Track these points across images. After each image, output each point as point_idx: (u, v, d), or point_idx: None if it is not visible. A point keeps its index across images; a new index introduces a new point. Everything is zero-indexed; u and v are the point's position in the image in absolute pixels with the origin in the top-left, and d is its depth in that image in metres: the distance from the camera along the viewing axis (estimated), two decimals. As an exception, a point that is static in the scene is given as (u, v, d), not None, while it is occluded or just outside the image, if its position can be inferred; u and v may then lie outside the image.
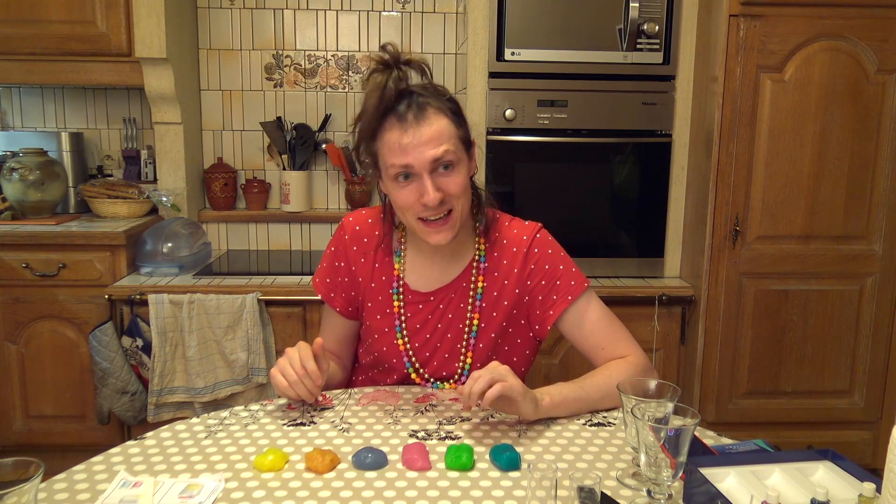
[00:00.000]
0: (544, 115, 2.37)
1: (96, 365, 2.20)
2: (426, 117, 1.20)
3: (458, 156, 1.23)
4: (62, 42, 2.43)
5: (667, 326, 2.39)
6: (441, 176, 1.21)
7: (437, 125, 1.20)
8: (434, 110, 1.21)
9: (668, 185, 2.46)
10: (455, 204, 1.23)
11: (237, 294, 2.22)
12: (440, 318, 1.35)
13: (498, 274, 1.35)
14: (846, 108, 2.22)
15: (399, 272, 1.36)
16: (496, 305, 1.34)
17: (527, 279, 1.35)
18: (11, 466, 0.78)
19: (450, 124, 1.22)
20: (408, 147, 1.19)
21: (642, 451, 0.89)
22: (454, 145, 1.22)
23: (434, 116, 1.20)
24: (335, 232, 1.42)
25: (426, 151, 1.19)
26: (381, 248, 1.37)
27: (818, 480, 0.93)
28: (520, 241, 1.36)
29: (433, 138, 1.19)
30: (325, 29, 2.82)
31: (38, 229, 2.31)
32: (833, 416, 2.40)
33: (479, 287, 1.34)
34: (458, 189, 1.23)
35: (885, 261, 2.31)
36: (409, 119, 1.19)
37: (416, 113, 1.20)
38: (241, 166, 2.88)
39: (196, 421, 1.19)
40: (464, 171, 1.24)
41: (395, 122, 1.20)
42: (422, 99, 1.21)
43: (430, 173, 1.20)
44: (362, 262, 1.38)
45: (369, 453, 1.04)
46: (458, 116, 1.25)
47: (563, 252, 1.39)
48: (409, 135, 1.18)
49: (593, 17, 2.32)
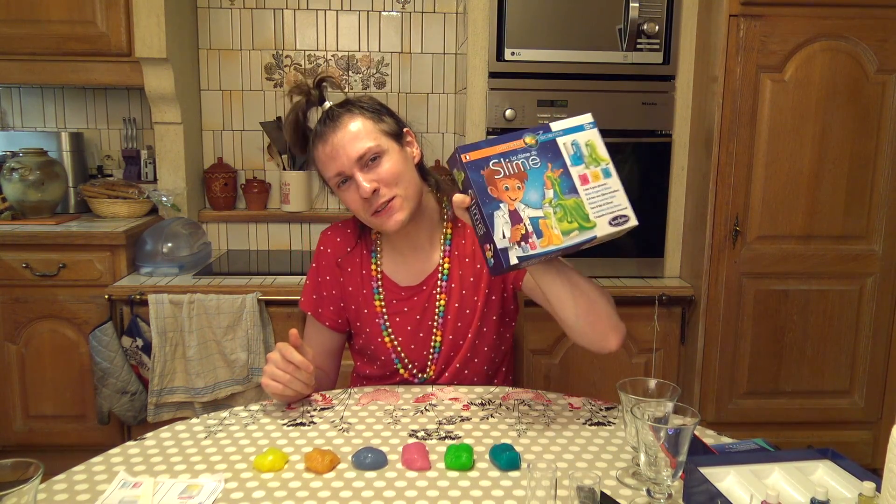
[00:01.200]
0: (544, 115, 2.37)
1: (96, 365, 2.20)
2: (340, 124, 1.28)
3: (382, 147, 1.29)
4: (62, 42, 2.43)
5: (667, 326, 2.39)
6: (371, 169, 1.28)
7: (353, 126, 1.28)
8: (347, 115, 1.29)
9: (668, 185, 2.46)
10: (392, 191, 1.29)
11: (237, 294, 2.22)
12: (421, 308, 1.40)
13: (459, 253, 1.40)
14: (846, 108, 2.22)
15: (376, 272, 1.41)
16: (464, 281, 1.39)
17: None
18: (11, 467, 0.78)
19: (366, 121, 1.29)
20: (332, 154, 1.27)
21: (642, 451, 0.89)
22: (374, 139, 1.28)
23: (348, 119, 1.29)
24: (315, 249, 1.47)
25: (348, 152, 1.26)
26: (363, 254, 1.43)
27: (818, 480, 0.93)
28: None
29: (351, 139, 1.27)
30: (325, 29, 2.82)
31: (38, 229, 2.31)
32: (833, 416, 2.40)
33: (445, 268, 1.40)
34: (390, 175, 1.28)
35: (885, 261, 2.31)
36: (326, 132, 1.28)
37: (329, 123, 1.28)
38: (241, 166, 2.88)
39: (196, 421, 1.19)
40: (394, 158, 1.30)
41: (316, 140, 1.30)
42: (333, 111, 1.30)
43: (361, 170, 1.27)
44: (349, 272, 1.43)
45: (369, 453, 1.04)
46: (377, 113, 1.32)
47: None
48: (330, 144, 1.27)
49: (593, 17, 2.32)
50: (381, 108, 1.34)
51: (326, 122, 1.29)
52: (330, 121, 1.29)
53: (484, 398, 1.30)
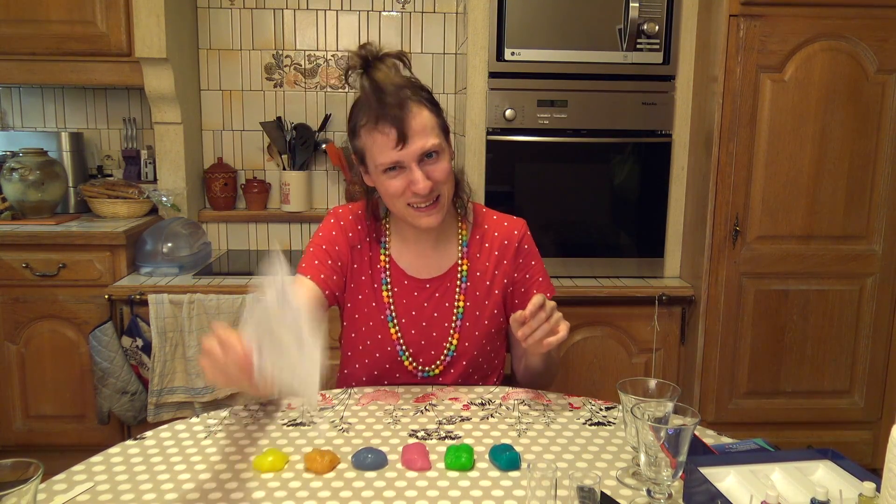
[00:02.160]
0: (544, 115, 2.37)
1: (96, 365, 2.20)
2: (410, 110, 1.24)
3: (442, 144, 1.28)
4: (62, 42, 2.43)
5: (667, 326, 2.39)
6: (428, 164, 1.27)
7: (420, 118, 1.25)
8: (415, 104, 1.25)
9: (668, 185, 2.46)
10: (443, 189, 1.29)
11: (237, 294, 2.22)
12: (436, 306, 1.39)
13: (480, 256, 1.41)
14: (846, 108, 2.22)
15: (385, 263, 1.40)
16: (479, 286, 1.40)
17: (515, 271, 1.42)
18: (11, 467, 0.78)
19: (431, 115, 1.27)
20: (395, 142, 1.23)
21: (642, 451, 0.89)
22: (437, 135, 1.27)
23: (416, 109, 1.25)
24: (323, 222, 1.43)
25: (415, 144, 1.23)
26: (366, 241, 1.41)
27: (818, 480, 0.93)
28: (511, 235, 1.43)
29: (418, 131, 1.24)
30: (325, 29, 2.82)
31: (38, 229, 2.31)
32: (833, 416, 2.40)
33: (464, 270, 1.40)
34: (445, 175, 1.28)
35: (885, 261, 2.31)
36: (389, 116, 1.22)
37: (395, 108, 1.23)
38: (241, 166, 2.88)
39: (196, 421, 1.19)
40: (447, 158, 1.30)
41: (375, 121, 1.24)
42: (402, 94, 1.24)
43: (419, 164, 1.25)
44: (359, 249, 1.40)
45: (369, 453, 1.04)
46: (436, 106, 1.31)
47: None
48: (394, 130, 1.23)
49: (593, 17, 2.32)
50: (436, 100, 1.32)
51: (389, 105, 1.21)
52: (396, 105, 1.22)
53: (484, 398, 1.30)
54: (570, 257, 2.45)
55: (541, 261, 1.46)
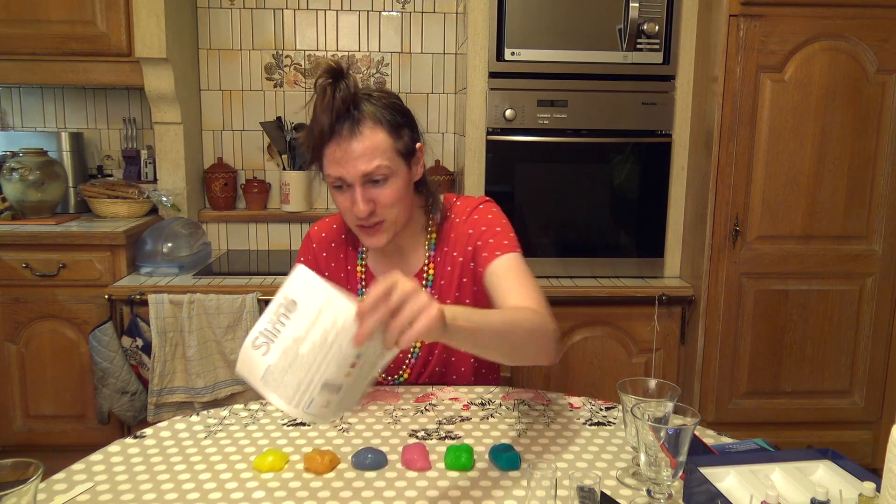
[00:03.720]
0: (544, 115, 2.37)
1: (96, 365, 2.20)
2: (360, 132, 1.22)
3: (393, 169, 1.25)
4: (62, 42, 2.43)
5: (667, 326, 2.39)
6: (373, 188, 1.25)
7: (371, 140, 1.23)
8: (371, 124, 1.23)
9: (668, 185, 2.46)
10: (386, 214, 1.27)
11: (237, 294, 2.22)
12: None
13: (442, 259, 1.39)
14: (846, 108, 2.22)
15: (361, 273, 1.41)
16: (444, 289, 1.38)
17: (467, 245, 1.37)
18: (11, 467, 0.78)
19: (386, 138, 1.24)
20: (341, 160, 1.23)
21: (642, 451, 0.89)
22: (388, 159, 1.24)
23: (368, 131, 1.23)
24: (302, 243, 1.47)
25: (357, 166, 1.23)
26: (350, 249, 1.42)
27: (818, 480, 0.93)
28: (463, 212, 1.40)
29: (364, 154, 1.22)
30: (325, 29, 2.82)
31: (38, 229, 2.31)
32: (833, 416, 2.40)
33: (430, 275, 1.40)
34: (389, 200, 1.26)
35: (885, 261, 2.31)
36: (343, 133, 1.22)
37: (351, 127, 1.22)
38: (241, 166, 2.88)
39: (196, 420, 1.19)
40: (397, 183, 1.27)
41: (330, 136, 1.24)
42: (358, 113, 1.23)
43: (362, 185, 1.24)
44: (333, 267, 1.43)
45: (369, 453, 1.04)
46: (397, 128, 1.26)
47: (504, 220, 1.39)
48: (342, 149, 1.23)
49: (593, 17, 2.32)
50: (404, 120, 1.29)
51: (345, 123, 1.22)
52: (350, 123, 1.22)
53: (484, 398, 1.30)
54: (570, 257, 2.45)
55: (500, 224, 1.36)
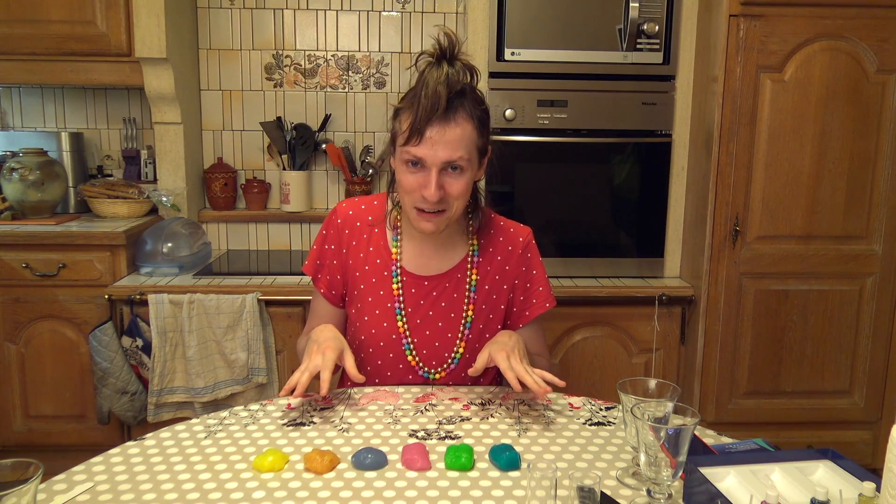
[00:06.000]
0: (544, 115, 2.37)
1: (96, 365, 2.20)
2: (454, 118, 1.23)
3: (470, 163, 1.28)
4: (62, 42, 2.43)
5: (667, 326, 2.39)
6: (447, 175, 1.26)
7: (463, 130, 1.24)
8: (466, 115, 1.25)
9: (668, 185, 2.46)
10: (451, 204, 1.29)
11: (237, 294, 2.22)
12: (433, 304, 1.39)
13: (490, 268, 1.42)
14: (846, 108, 2.22)
15: (396, 255, 1.40)
16: (487, 298, 1.41)
17: (515, 278, 1.43)
18: (11, 467, 0.78)
19: (473, 131, 1.27)
20: (428, 141, 1.22)
21: (642, 451, 0.89)
22: (469, 152, 1.26)
23: (464, 121, 1.24)
24: (327, 216, 1.46)
25: (445, 151, 1.23)
26: (375, 232, 1.42)
27: (818, 480, 0.93)
28: (516, 241, 1.44)
29: (453, 141, 1.23)
30: (325, 29, 2.82)
31: (38, 229, 2.31)
32: (833, 416, 2.40)
33: (473, 280, 1.40)
34: (458, 192, 1.28)
35: (885, 261, 2.31)
36: (435, 118, 1.22)
37: (446, 111, 1.22)
38: (241, 166, 2.88)
39: (196, 421, 1.19)
40: (469, 177, 1.29)
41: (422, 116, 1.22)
42: (457, 101, 1.24)
43: (439, 171, 1.24)
44: (354, 245, 1.42)
45: (369, 453, 1.04)
46: (483, 127, 1.30)
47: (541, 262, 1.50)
48: (435, 130, 1.22)
49: (593, 17, 2.32)
50: (488, 120, 1.32)
51: (438, 107, 1.21)
52: (446, 109, 1.22)
53: (484, 398, 1.30)
54: (571, 257, 2.45)
55: (544, 270, 1.46)
